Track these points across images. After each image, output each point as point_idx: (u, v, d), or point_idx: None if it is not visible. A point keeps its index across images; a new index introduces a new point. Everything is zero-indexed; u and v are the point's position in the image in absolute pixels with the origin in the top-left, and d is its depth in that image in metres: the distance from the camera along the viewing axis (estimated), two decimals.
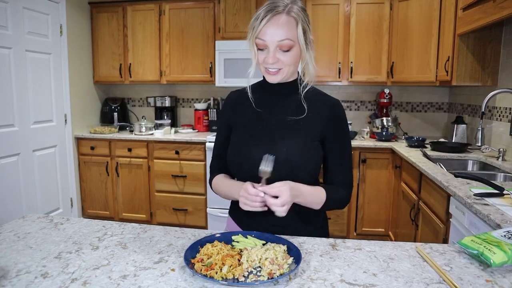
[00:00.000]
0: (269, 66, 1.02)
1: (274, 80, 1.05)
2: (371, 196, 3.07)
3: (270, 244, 0.91)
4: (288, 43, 0.99)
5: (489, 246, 0.85)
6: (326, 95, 1.14)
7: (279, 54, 1.01)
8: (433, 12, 2.80)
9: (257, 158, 1.00)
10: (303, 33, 1.01)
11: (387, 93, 3.36)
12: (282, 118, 1.09)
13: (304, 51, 1.03)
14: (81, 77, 3.55)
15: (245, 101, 1.14)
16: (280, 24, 0.98)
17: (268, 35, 0.99)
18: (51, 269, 0.83)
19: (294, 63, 1.04)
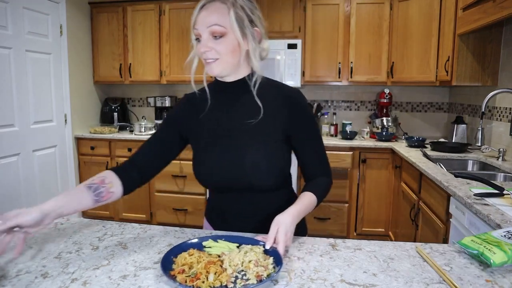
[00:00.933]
0: (203, 55, 0.98)
1: (212, 71, 1.00)
2: (371, 196, 3.07)
3: (246, 246, 0.87)
4: (217, 29, 0.95)
5: (489, 246, 0.85)
6: (283, 87, 1.09)
7: (212, 42, 0.97)
8: (433, 12, 2.80)
9: (224, 167, 1.02)
10: (237, 21, 0.97)
11: (387, 93, 3.36)
12: (241, 122, 1.05)
13: (240, 40, 0.98)
14: (81, 77, 3.55)
15: (203, 105, 1.09)
16: (210, 11, 0.96)
17: (199, 23, 0.97)
18: (51, 269, 0.83)
19: (231, 53, 0.98)
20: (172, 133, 1.12)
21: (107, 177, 1.00)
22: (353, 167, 3.04)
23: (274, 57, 3.21)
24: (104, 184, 0.98)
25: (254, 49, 1.02)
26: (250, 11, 1.00)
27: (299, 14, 3.25)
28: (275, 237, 0.87)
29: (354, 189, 3.09)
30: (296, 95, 1.07)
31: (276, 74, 3.22)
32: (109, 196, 0.99)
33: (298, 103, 1.07)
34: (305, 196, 1.02)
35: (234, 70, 1.03)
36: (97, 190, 0.96)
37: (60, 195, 0.91)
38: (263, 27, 1.04)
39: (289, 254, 0.91)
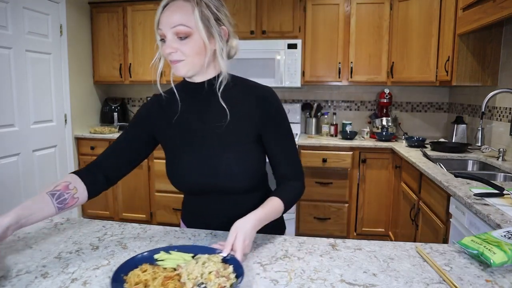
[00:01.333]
0: (169, 57, 0.95)
1: (178, 72, 0.97)
2: (371, 196, 3.07)
3: (202, 256, 0.81)
4: (182, 29, 0.92)
5: (489, 246, 0.85)
6: (256, 87, 1.05)
7: (177, 43, 0.93)
8: (433, 12, 2.80)
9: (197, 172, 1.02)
10: (202, 20, 0.93)
11: (387, 93, 3.36)
12: (211, 125, 1.02)
13: (205, 40, 0.94)
14: (81, 77, 3.55)
15: (172, 106, 1.06)
16: (174, 10, 0.92)
17: (163, 23, 0.93)
18: (51, 269, 0.83)
19: (197, 54, 0.95)
20: (140, 134, 1.09)
21: (71, 182, 0.97)
22: (353, 167, 3.04)
23: (274, 57, 3.21)
24: (68, 190, 0.94)
25: (221, 49, 0.98)
26: (216, 9, 0.96)
27: (299, 14, 3.25)
28: (233, 244, 0.83)
29: (354, 189, 3.09)
30: (269, 94, 1.03)
31: (276, 74, 3.22)
32: (74, 202, 0.96)
33: (271, 103, 1.03)
34: (271, 201, 0.98)
35: (201, 70, 1.00)
36: (60, 197, 0.92)
37: (20, 206, 0.86)
38: (231, 25, 1.01)
39: (289, 254, 0.91)
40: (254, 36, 3.31)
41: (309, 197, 3.11)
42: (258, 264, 0.86)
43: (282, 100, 3.73)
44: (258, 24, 3.31)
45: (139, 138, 1.09)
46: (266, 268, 0.84)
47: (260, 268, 0.84)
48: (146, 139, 1.09)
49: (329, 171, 3.07)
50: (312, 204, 3.13)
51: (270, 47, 3.21)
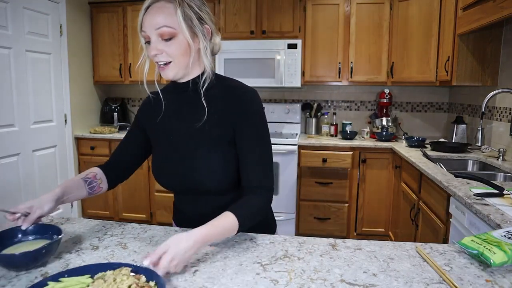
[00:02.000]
0: (155, 59, 0.95)
1: (167, 75, 0.98)
2: (371, 196, 3.07)
3: (107, 272, 0.73)
4: (166, 30, 0.91)
5: (489, 246, 0.85)
6: (236, 87, 1.03)
7: (162, 45, 0.93)
8: (433, 12, 2.80)
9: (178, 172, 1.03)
10: (185, 20, 0.93)
11: (387, 93, 3.36)
12: (188, 124, 1.03)
13: (189, 40, 0.94)
14: (81, 77, 3.55)
15: (158, 107, 1.09)
16: (156, 12, 0.92)
17: (146, 25, 0.93)
18: (51, 269, 0.83)
19: (183, 54, 0.95)
20: (138, 133, 1.15)
21: (97, 173, 1.10)
22: (353, 167, 3.04)
23: (274, 57, 3.21)
24: (96, 179, 1.09)
25: (206, 48, 0.98)
26: (198, 8, 0.96)
27: (299, 14, 3.25)
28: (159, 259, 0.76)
29: (354, 189, 3.09)
30: (249, 96, 1.01)
31: (276, 74, 3.22)
32: (99, 190, 1.10)
33: (249, 104, 1.00)
34: (224, 218, 0.90)
35: (187, 71, 1.00)
36: (91, 184, 1.07)
37: (64, 185, 1.01)
38: (213, 22, 1.01)
39: (289, 254, 0.91)
40: (254, 36, 3.31)
41: (309, 197, 3.12)
42: (258, 264, 0.86)
43: (282, 100, 3.73)
44: (258, 24, 3.31)
45: (138, 137, 1.15)
46: (266, 268, 0.84)
47: (260, 268, 0.84)
48: (143, 137, 1.14)
49: (329, 171, 3.07)
50: (312, 204, 3.13)
51: (270, 47, 3.22)
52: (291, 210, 3.11)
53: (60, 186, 1.00)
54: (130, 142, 1.16)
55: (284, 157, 3.05)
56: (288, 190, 3.08)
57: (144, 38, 0.96)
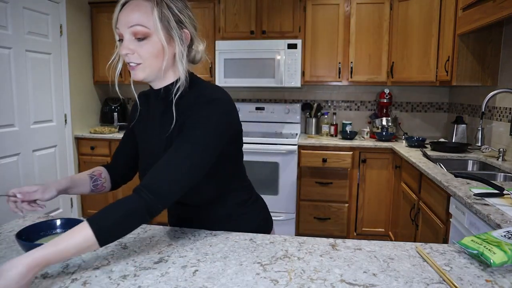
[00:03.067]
0: (125, 58, 0.91)
1: (137, 76, 0.93)
2: (371, 196, 3.07)
3: None
4: (140, 29, 0.87)
5: (489, 246, 0.85)
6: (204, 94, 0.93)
7: (134, 45, 0.89)
8: (433, 12, 2.80)
9: None
10: (162, 21, 0.88)
11: (387, 93, 3.36)
12: (159, 133, 0.99)
13: (164, 43, 0.89)
14: (81, 77, 3.55)
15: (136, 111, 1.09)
16: (132, 9, 0.88)
17: (120, 22, 0.89)
18: (51, 269, 0.83)
19: (155, 57, 0.90)
20: (131, 134, 1.14)
21: (102, 172, 1.12)
22: (353, 167, 3.04)
23: (274, 57, 3.21)
24: (101, 178, 1.10)
25: (181, 53, 0.93)
26: (178, 10, 0.91)
27: (299, 14, 3.25)
28: None
29: (354, 189, 3.09)
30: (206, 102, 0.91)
31: (276, 74, 3.22)
32: (102, 189, 1.11)
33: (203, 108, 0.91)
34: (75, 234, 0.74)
35: (159, 75, 0.95)
36: (96, 182, 1.08)
37: (69, 177, 1.03)
38: (196, 28, 0.96)
39: (289, 254, 0.91)
40: (254, 36, 3.31)
41: (309, 197, 3.12)
42: (258, 264, 0.86)
43: (282, 100, 3.73)
44: (258, 24, 3.31)
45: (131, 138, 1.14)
46: (266, 268, 0.84)
47: (260, 268, 0.84)
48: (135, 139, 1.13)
49: (329, 171, 3.07)
50: (312, 204, 3.13)
51: (270, 47, 3.22)
52: (291, 210, 3.11)
53: (67, 178, 1.02)
54: (126, 143, 1.16)
55: (284, 157, 3.05)
56: (288, 190, 3.08)
57: (118, 36, 0.92)
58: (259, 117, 3.62)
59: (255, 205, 1.18)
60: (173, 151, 0.87)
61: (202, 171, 0.89)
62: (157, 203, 0.82)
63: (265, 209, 1.23)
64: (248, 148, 3.06)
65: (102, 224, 0.76)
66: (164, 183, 0.83)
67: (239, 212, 1.12)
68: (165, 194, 0.83)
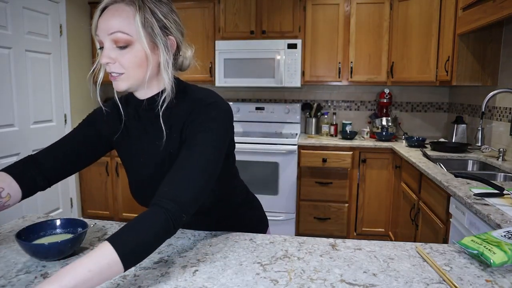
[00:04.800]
0: (106, 68, 0.85)
1: (119, 87, 0.87)
2: (371, 196, 3.07)
3: None
4: (121, 37, 0.80)
5: (489, 246, 0.85)
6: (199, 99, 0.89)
7: (116, 53, 0.82)
8: (433, 12, 2.80)
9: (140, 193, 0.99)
10: (145, 27, 0.82)
11: (387, 93, 3.36)
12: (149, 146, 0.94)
13: (147, 51, 0.83)
14: (81, 77, 3.55)
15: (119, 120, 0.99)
16: (112, 15, 0.81)
17: (100, 29, 0.82)
18: (51, 269, 0.83)
19: (138, 66, 0.84)
20: (91, 133, 1.00)
21: (4, 189, 0.86)
22: (353, 167, 3.04)
23: (274, 57, 3.21)
24: (1, 198, 0.86)
25: (166, 62, 0.86)
26: (163, 15, 0.85)
27: (299, 14, 3.25)
28: None
29: (354, 189, 3.09)
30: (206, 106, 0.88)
31: (276, 74, 3.22)
32: (5, 208, 0.88)
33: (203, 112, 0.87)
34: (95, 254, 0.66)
35: (143, 85, 0.89)
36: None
37: None
38: (182, 34, 0.90)
39: (289, 254, 0.91)
40: (254, 36, 3.31)
41: (309, 197, 3.12)
42: (258, 264, 0.86)
43: (282, 100, 3.73)
44: (258, 24, 3.31)
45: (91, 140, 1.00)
46: (266, 268, 0.84)
47: (260, 268, 0.84)
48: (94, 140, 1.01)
49: (329, 171, 3.07)
50: (312, 204, 3.13)
51: (270, 47, 3.22)
52: (291, 210, 3.11)
53: None
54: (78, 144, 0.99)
55: (284, 157, 3.05)
56: (288, 190, 3.08)
57: (98, 43, 0.85)
58: (259, 117, 3.62)
59: (250, 205, 1.18)
60: (186, 159, 0.82)
61: (216, 175, 0.86)
62: (181, 214, 0.77)
63: (261, 209, 1.23)
64: (248, 148, 3.06)
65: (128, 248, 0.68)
66: (185, 193, 0.78)
67: (234, 213, 1.12)
68: (189, 203, 0.79)
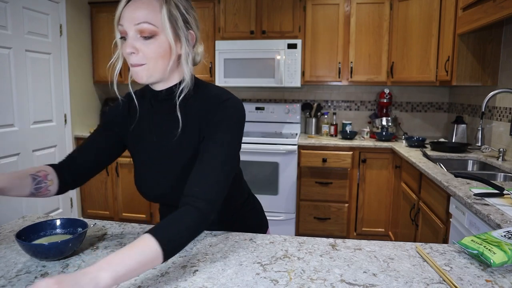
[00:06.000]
0: (129, 57, 0.86)
1: (139, 78, 0.89)
2: (371, 196, 3.07)
3: None
4: (147, 27, 0.83)
5: (489, 246, 0.85)
6: (214, 96, 0.92)
7: (140, 43, 0.84)
8: (433, 12, 2.80)
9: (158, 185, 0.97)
10: (170, 20, 0.85)
11: (387, 93, 3.36)
12: (163, 137, 0.96)
13: (172, 43, 0.86)
14: (81, 77, 3.55)
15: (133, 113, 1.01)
16: (139, 5, 0.84)
17: (125, 19, 0.85)
18: (51, 269, 0.83)
19: (162, 57, 0.86)
20: (110, 137, 1.03)
21: (49, 174, 0.96)
22: (353, 167, 3.04)
23: (274, 57, 3.21)
24: (46, 180, 0.94)
25: (187, 54, 0.90)
26: (185, 10, 0.88)
27: (299, 14, 3.25)
28: None
29: (354, 189, 3.09)
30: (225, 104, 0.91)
31: (276, 74, 3.22)
32: (44, 194, 0.95)
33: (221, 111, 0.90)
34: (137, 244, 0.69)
35: (163, 77, 0.91)
36: (38, 184, 0.92)
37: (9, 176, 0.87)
38: (199, 30, 0.94)
39: (289, 254, 0.91)
40: (254, 36, 3.31)
41: (309, 197, 3.12)
42: (258, 264, 0.86)
43: (282, 100, 3.73)
44: (258, 24, 3.31)
45: (109, 141, 1.03)
46: (266, 268, 0.84)
47: (260, 268, 0.84)
48: (116, 141, 1.04)
49: (329, 171, 3.07)
50: (312, 204, 3.13)
51: (270, 47, 3.22)
52: (291, 210, 3.11)
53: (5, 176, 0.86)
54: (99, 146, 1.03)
55: (284, 157, 3.05)
56: (288, 190, 3.08)
57: (120, 33, 0.88)
58: (259, 117, 3.62)
59: (252, 206, 1.18)
60: (209, 158, 0.85)
61: (235, 170, 0.92)
62: (211, 211, 0.81)
63: (261, 209, 1.23)
64: (248, 148, 3.06)
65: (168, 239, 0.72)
66: (212, 191, 0.82)
67: (236, 213, 1.12)
68: (217, 200, 0.83)
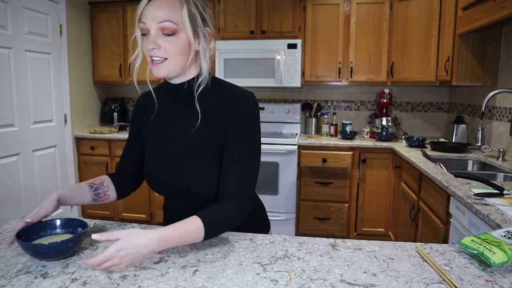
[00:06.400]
0: (150, 53, 0.91)
1: (160, 73, 0.94)
2: (371, 196, 3.07)
3: None
4: (169, 25, 0.89)
5: (489, 246, 0.85)
6: (231, 91, 1.00)
7: (162, 40, 0.90)
8: (433, 12, 2.80)
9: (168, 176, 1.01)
10: (190, 18, 0.91)
11: (387, 93, 3.36)
12: (182, 128, 1.00)
13: (191, 39, 0.92)
14: (81, 77, 3.55)
15: (152, 107, 1.07)
16: (161, 4, 0.89)
17: (148, 17, 0.89)
18: (51, 269, 0.83)
19: (181, 53, 0.92)
20: (136, 139, 1.12)
21: (105, 181, 1.10)
22: (353, 167, 3.04)
23: (274, 57, 3.21)
24: (103, 186, 1.08)
25: (205, 50, 0.96)
26: (203, 9, 0.94)
27: (299, 14, 3.25)
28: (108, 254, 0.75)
29: (354, 189, 3.09)
30: (244, 99, 0.98)
31: (276, 74, 3.22)
32: (105, 198, 1.09)
33: (242, 108, 0.97)
34: (190, 224, 0.86)
35: (182, 71, 0.97)
36: (96, 191, 1.07)
37: (69, 187, 1.04)
38: (214, 27, 1.00)
39: (289, 254, 0.91)
40: (254, 36, 3.31)
41: (309, 197, 3.12)
42: (258, 264, 0.86)
43: (282, 100, 3.73)
44: (258, 24, 3.31)
45: (137, 143, 1.12)
46: (266, 268, 0.84)
47: (260, 268, 0.84)
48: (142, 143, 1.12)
49: (329, 171, 3.07)
50: (312, 204, 3.13)
51: (270, 47, 3.22)
52: (291, 210, 3.11)
53: (66, 187, 1.03)
54: (131, 149, 1.14)
55: (284, 157, 3.05)
56: (288, 190, 3.08)
57: (141, 30, 0.93)
58: None
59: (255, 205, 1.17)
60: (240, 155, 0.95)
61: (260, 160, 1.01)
62: (247, 206, 0.95)
63: (264, 210, 1.23)
64: None
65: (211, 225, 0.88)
66: (247, 187, 0.96)
67: None
68: (250, 196, 0.96)
